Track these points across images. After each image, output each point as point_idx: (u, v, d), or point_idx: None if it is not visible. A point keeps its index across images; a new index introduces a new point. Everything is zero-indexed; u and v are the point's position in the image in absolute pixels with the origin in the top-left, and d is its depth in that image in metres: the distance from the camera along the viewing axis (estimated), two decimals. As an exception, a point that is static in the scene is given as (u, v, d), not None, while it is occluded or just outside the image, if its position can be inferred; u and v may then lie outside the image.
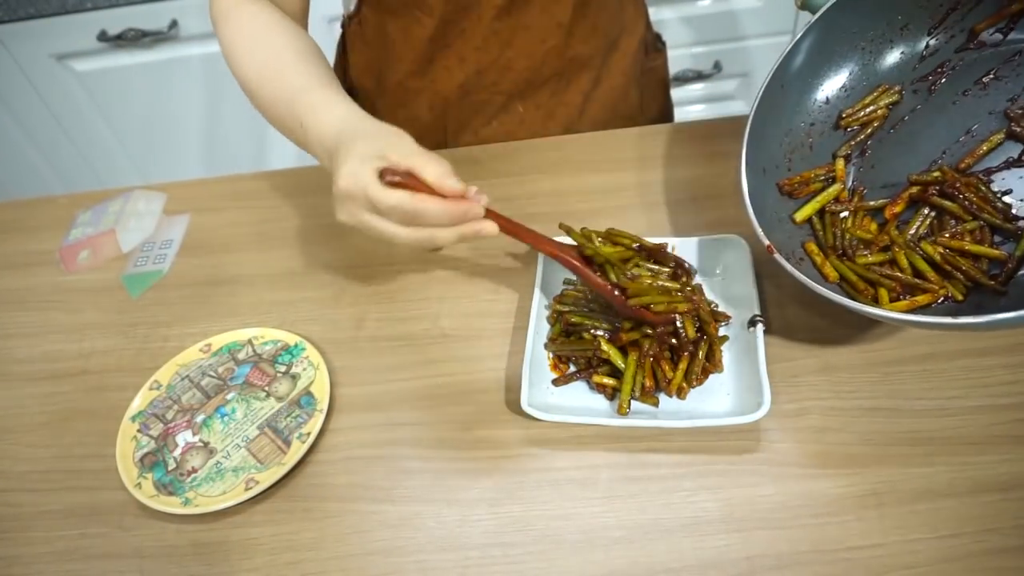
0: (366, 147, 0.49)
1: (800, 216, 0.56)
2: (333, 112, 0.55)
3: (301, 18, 0.70)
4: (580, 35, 0.76)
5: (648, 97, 0.89)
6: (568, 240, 0.58)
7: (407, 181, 0.47)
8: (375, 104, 0.82)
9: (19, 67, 1.31)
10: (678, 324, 0.53)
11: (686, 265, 0.57)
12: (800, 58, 0.56)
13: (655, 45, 0.90)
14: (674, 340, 0.53)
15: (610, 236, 0.58)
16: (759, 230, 0.52)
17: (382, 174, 0.47)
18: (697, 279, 0.59)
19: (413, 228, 0.49)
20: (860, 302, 0.47)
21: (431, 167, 0.48)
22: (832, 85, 0.59)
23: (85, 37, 1.26)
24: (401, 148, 0.49)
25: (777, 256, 0.50)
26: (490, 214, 0.50)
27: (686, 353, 0.53)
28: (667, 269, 0.57)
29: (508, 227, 0.52)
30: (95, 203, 0.77)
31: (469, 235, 0.49)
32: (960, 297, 0.50)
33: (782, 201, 0.57)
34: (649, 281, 0.54)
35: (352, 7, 0.79)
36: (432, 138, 0.82)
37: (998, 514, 0.45)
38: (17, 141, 1.44)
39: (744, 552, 0.45)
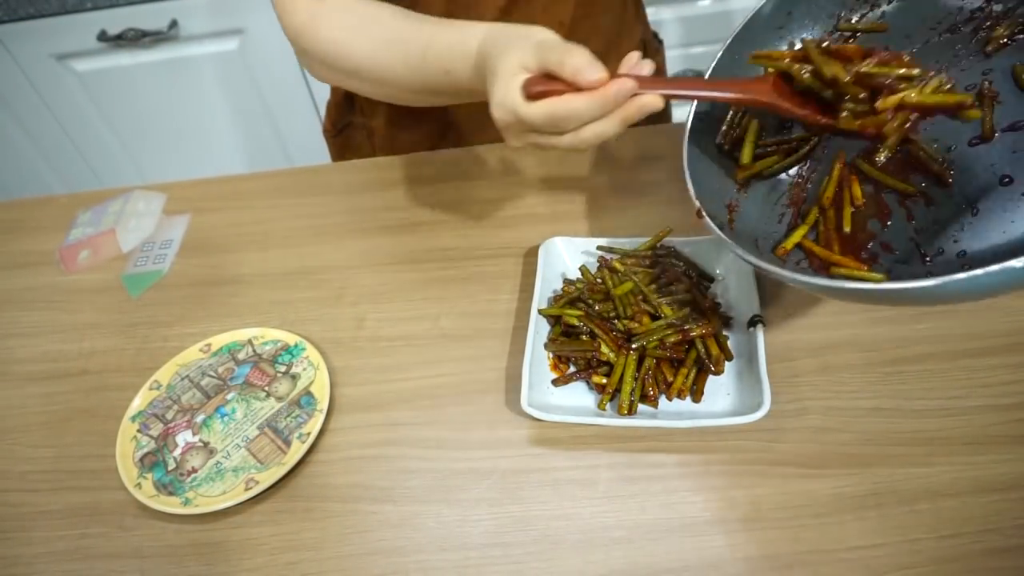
0: (506, 64, 0.47)
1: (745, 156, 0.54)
2: (468, 44, 0.53)
3: None
4: (582, 35, 0.76)
5: None
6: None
7: (551, 86, 0.45)
8: (381, 106, 0.82)
9: (19, 67, 1.31)
10: (698, 345, 0.53)
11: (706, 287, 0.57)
12: (760, 25, 0.54)
13: (653, 44, 0.91)
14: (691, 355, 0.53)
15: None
16: (691, 188, 0.50)
17: (524, 88, 0.46)
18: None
19: (574, 133, 0.46)
20: (784, 269, 0.43)
21: (568, 63, 0.44)
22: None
23: (85, 37, 1.26)
24: (540, 51, 0.46)
25: (706, 219, 0.49)
26: (645, 84, 0.45)
27: (693, 364, 0.53)
28: (683, 286, 0.56)
29: (671, 89, 0.48)
30: (95, 203, 0.77)
31: (633, 116, 0.46)
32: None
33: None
34: (667, 311, 0.54)
35: None
36: (448, 137, 0.82)
37: (998, 514, 0.44)
38: (17, 141, 1.44)
39: (744, 552, 0.45)
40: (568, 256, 0.63)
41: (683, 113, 0.56)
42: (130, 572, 0.49)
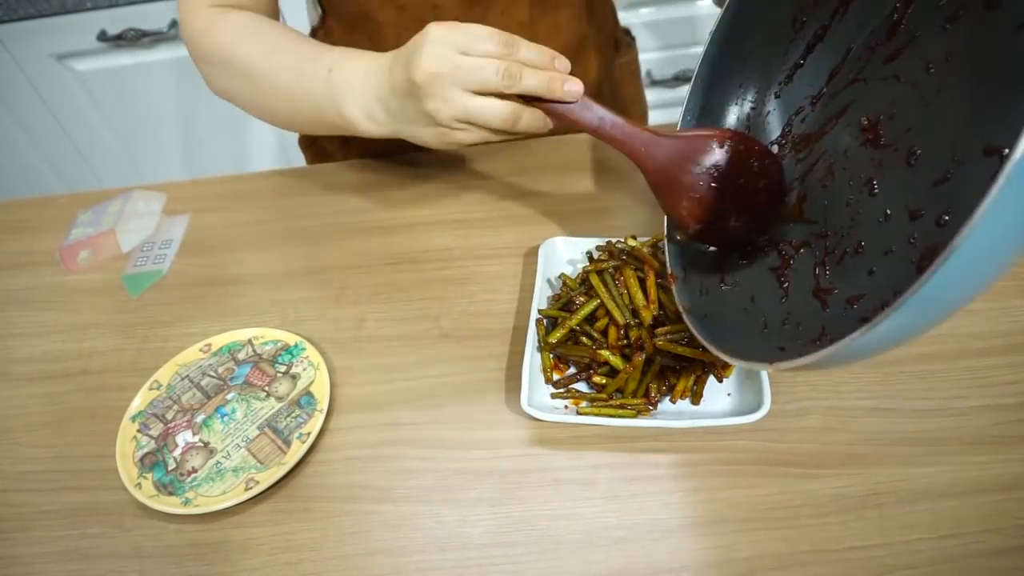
0: (438, 33, 0.49)
1: None
2: (365, 55, 0.56)
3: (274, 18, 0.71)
4: (543, 33, 0.75)
5: (624, 93, 0.90)
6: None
7: None
8: None
9: (19, 67, 1.31)
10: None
11: None
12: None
13: (624, 41, 0.91)
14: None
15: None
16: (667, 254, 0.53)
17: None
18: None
19: (503, 102, 0.49)
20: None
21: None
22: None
23: (85, 37, 1.26)
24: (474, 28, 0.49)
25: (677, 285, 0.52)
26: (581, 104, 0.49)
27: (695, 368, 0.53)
28: None
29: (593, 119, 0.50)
30: (95, 203, 0.77)
31: (557, 88, 0.49)
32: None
33: None
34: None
35: (317, 20, 0.80)
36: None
37: (998, 514, 0.45)
38: (17, 141, 1.44)
39: (744, 552, 0.45)
40: (568, 256, 0.63)
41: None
42: (130, 572, 0.49)
